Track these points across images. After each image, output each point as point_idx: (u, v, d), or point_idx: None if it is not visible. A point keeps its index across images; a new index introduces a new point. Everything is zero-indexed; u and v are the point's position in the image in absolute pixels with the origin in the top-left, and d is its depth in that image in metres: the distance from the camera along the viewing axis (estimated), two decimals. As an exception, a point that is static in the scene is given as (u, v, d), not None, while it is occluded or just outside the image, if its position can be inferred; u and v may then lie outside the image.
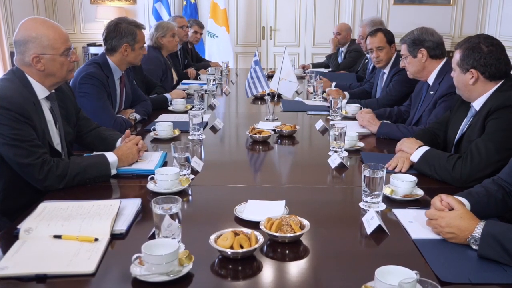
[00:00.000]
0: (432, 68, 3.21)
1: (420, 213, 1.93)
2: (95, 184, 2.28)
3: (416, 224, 1.86)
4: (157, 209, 1.64)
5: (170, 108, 4.10)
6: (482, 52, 2.35)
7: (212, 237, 1.64)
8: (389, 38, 4.27)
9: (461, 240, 1.68)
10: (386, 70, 4.33)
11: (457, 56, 2.44)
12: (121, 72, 3.45)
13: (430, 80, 3.23)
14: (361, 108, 3.74)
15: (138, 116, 3.58)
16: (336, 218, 2.02)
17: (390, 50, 4.28)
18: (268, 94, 4.27)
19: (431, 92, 3.19)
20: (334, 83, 4.95)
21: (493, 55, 2.34)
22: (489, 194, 1.94)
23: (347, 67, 6.31)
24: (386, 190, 2.09)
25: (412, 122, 3.34)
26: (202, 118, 3.13)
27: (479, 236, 1.63)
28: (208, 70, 6.22)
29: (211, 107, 4.18)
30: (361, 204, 2.04)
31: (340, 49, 6.78)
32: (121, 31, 3.34)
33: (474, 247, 1.64)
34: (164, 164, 2.55)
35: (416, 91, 3.51)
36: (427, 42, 3.20)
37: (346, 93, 4.61)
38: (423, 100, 3.30)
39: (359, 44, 5.60)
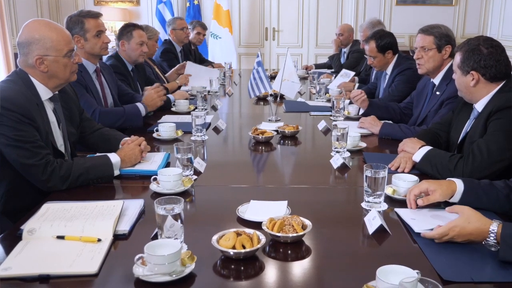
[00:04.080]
0: (444, 67, 3.20)
1: (421, 213, 1.93)
2: (98, 185, 2.29)
3: (418, 223, 1.85)
4: (159, 209, 1.65)
5: (173, 109, 4.11)
6: (482, 54, 2.35)
7: (215, 237, 1.64)
8: (383, 45, 4.23)
9: (478, 242, 1.66)
10: (388, 71, 4.33)
11: (457, 58, 2.44)
12: (94, 65, 3.41)
13: (437, 80, 3.22)
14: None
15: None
16: (338, 218, 2.02)
17: (384, 58, 4.26)
18: (271, 95, 4.29)
19: (437, 93, 3.17)
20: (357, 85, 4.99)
21: (493, 56, 2.34)
22: (492, 186, 1.96)
23: (349, 67, 6.29)
24: (388, 190, 2.10)
25: (417, 121, 3.33)
26: (205, 119, 3.14)
27: (496, 240, 1.61)
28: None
29: (214, 108, 4.19)
30: (363, 204, 2.04)
31: (342, 49, 6.79)
32: (69, 24, 3.33)
33: (492, 248, 1.62)
34: (167, 164, 2.56)
35: (418, 89, 3.50)
36: (452, 40, 3.19)
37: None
38: (428, 100, 3.29)
39: (363, 47, 5.62)
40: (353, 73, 5.42)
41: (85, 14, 3.35)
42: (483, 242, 1.65)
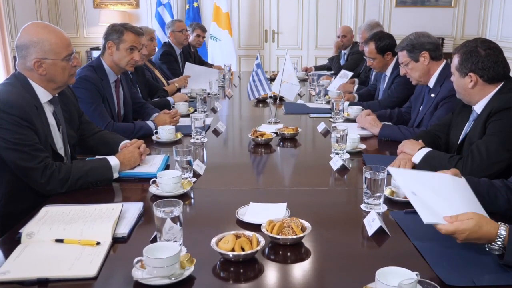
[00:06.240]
0: (434, 70, 3.20)
1: (422, 182, 1.89)
2: (97, 188, 2.29)
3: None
4: (158, 212, 1.64)
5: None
6: (480, 55, 2.35)
7: (214, 240, 1.64)
8: (382, 46, 4.24)
9: (478, 244, 1.63)
10: (388, 73, 4.34)
11: (455, 60, 2.45)
12: (116, 75, 3.43)
13: (431, 83, 3.22)
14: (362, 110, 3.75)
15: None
16: (338, 220, 2.02)
17: (383, 59, 4.28)
18: (271, 97, 4.29)
19: (432, 95, 3.19)
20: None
21: (490, 58, 2.34)
22: (492, 185, 1.96)
23: (349, 69, 6.29)
24: (387, 192, 2.09)
25: (414, 124, 3.34)
26: (204, 121, 3.14)
27: (503, 245, 1.57)
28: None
29: (214, 110, 4.18)
30: (363, 206, 2.04)
31: (342, 51, 6.79)
32: (109, 29, 3.36)
33: (495, 252, 1.60)
34: (166, 167, 2.56)
35: (416, 93, 3.51)
36: (426, 44, 3.18)
37: (356, 95, 4.64)
38: (424, 102, 3.30)
39: (362, 49, 5.61)
40: (351, 74, 5.41)
41: (128, 27, 3.38)
42: (485, 246, 1.63)
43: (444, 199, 1.78)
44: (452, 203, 1.75)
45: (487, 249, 1.63)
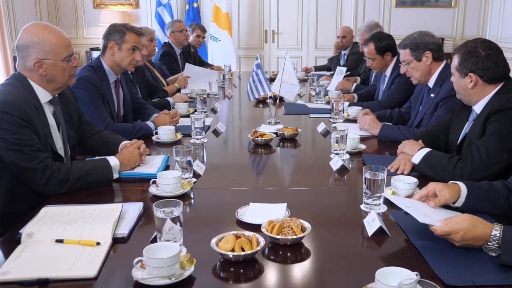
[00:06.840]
0: (434, 70, 3.20)
1: (415, 201, 1.94)
2: (97, 188, 2.29)
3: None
4: (158, 212, 1.64)
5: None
6: (480, 56, 2.35)
7: (214, 240, 1.64)
8: (382, 47, 4.25)
9: (475, 246, 1.65)
10: (388, 73, 4.34)
11: (455, 61, 2.45)
12: (116, 76, 3.42)
13: (431, 83, 3.22)
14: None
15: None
16: (338, 220, 2.02)
17: (382, 60, 4.29)
18: (270, 97, 4.28)
19: (432, 95, 3.19)
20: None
21: (490, 58, 2.34)
22: (492, 188, 1.96)
23: (349, 69, 6.30)
24: (387, 192, 2.09)
25: (413, 124, 3.34)
26: (204, 121, 3.14)
27: (498, 245, 1.60)
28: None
29: (214, 110, 4.18)
30: (362, 206, 2.04)
31: (342, 52, 6.79)
32: (110, 30, 3.36)
33: (492, 253, 1.62)
34: (166, 167, 2.56)
35: (415, 93, 3.52)
36: (430, 44, 3.18)
37: (355, 95, 4.64)
38: (423, 102, 3.30)
39: (362, 50, 5.62)
40: (345, 69, 5.41)
41: (129, 27, 3.38)
42: (483, 247, 1.64)
43: (437, 212, 1.85)
44: (445, 214, 1.79)
45: (484, 250, 1.63)
